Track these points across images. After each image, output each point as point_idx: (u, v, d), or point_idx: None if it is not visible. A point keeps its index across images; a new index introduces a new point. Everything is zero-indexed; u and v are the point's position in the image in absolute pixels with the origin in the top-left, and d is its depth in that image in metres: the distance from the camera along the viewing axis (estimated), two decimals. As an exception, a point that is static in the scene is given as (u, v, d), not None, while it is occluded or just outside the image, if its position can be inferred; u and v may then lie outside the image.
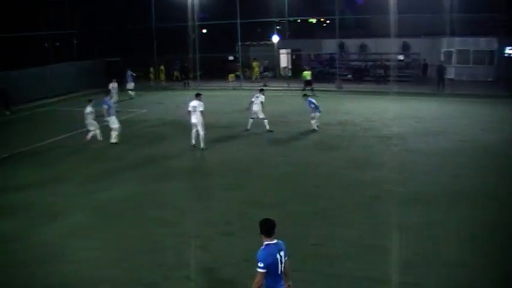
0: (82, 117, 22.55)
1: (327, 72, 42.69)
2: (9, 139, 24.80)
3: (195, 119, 20.75)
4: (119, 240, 12.55)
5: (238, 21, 40.36)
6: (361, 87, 37.94)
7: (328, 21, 49.90)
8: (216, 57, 45.75)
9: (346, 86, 38.34)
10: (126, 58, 44.07)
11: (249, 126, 24.19)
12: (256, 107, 23.97)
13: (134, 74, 36.52)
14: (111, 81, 32.30)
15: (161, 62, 44.26)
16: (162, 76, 44.59)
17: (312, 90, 34.73)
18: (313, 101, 24.12)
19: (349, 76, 42.24)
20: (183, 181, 17.23)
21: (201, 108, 20.67)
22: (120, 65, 44.37)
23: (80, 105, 33.35)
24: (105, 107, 22.22)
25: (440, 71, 35.74)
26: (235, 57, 45.52)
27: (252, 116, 24.16)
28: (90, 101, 22.74)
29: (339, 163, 18.54)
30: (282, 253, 7.40)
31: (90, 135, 22.37)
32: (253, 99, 23.97)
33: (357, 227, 12.81)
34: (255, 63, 44.53)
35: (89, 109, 22.21)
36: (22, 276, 10.92)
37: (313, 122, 23.98)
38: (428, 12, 35.92)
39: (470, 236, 12.18)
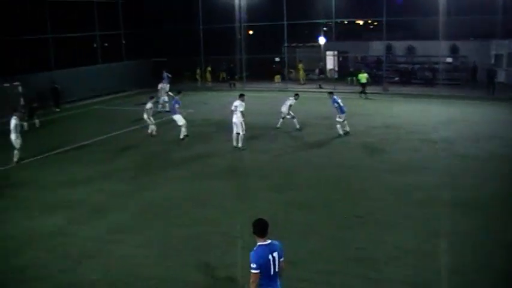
0: (129, 116, 23.03)
1: (373, 75, 42.25)
2: (60, 136, 25.52)
3: (236, 118, 21.20)
4: (164, 238, 12.76)
5: (285, 22, 40.36)
6: (408, 90, 37.45)
7: (375, 23, 49.43)
8: (262, 59, 45.79)
9: (393, 89, 37.92)
10: (173, 59, 44.66)
11: (278, 125, 25.18)
12: (284, 108, 24.83)
13: (170, 75, 36.45)
14: (160, 82, 32.58)
15: (208, 63, 44.57)
16: (209, 77, 44.87)
17: (365, 93, 34.53)
18: (339, 100, 23.45)
19: (396, 78, 41.73)
20: (228, 181, 17.38)
21: (241, 109, 21.15)
22: (167, 66, 45.01)
23: (126, 105, 34.34)
24: (176, 105, 23.53)
25: (491, 74, 34.99)
26: (281, 58, 45.51)
27: (282, 116, 25.02)
28: (152, 97, 24.94)
29: (384, 166, 18.38)
30: (275, 254, 7.39)
31: (150, 129, 24.22)
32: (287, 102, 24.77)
33: (401, 231, 12.70)
34: (300, 65, 44.42)
35: (149, 105, 24.17)
36: (67, 271, 11.23)
37: (338, 126, 23.15)
38: (478, 14, 35.17)
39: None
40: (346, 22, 49.78)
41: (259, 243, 7.44)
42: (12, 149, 20.18)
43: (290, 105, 24.64)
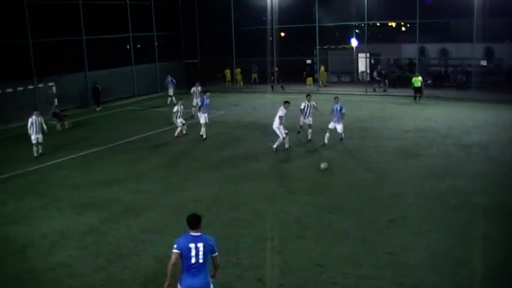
0: (162, 116, 23.26)
1: (406, 78, 41.86)
2: (93, 136, 25.84)
3: (273, 124, 21.37)
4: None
5: (317, 24, 40.26)
6: (441, 93, 36.97)
7: (408, 25, 48.97)
8: (294, 61, 45.71)
9: (426, 92, 37.39)
10: (204, 60, 44.94)
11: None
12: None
13: (174, 81, 36.53)
14: (194, 85, 32.37)
15: (238, 65, 44.64)
16: (240, 78, 44.96)
17: (420, 97, 33.80)
18: (339, 107, 22.10)
19: (429, 81, 41.25)
20: (260, 183, 17.37)
21: (280, 113, 21.02)
22: (199, 67, 45.31)
23: (159, 105, 34.62)
24: (199, 103, 24.65)
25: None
26: (312, 61, 45.38)
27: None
28: (180, 99, 25.67)
29: (417, 171, 18.18)
30: (199, 245, 7.91)
31: (177, 131, 24.31)
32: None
33: (434, 236, 12.53)
34: (322, 69, 44.16)
35: (176, 108, 24.28)
36: (98, 270, 11.37)
37: (327, 134, 22.22)
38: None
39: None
40: (378, 24, 49.40)
41: (188, 233, 8.07)
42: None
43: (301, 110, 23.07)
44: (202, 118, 24.21)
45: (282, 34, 48.25)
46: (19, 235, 13.56)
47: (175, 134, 24.28)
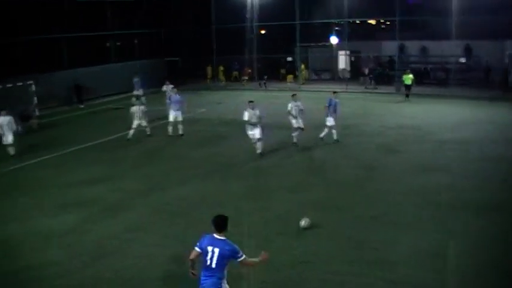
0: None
1: (386, 75, 42.13)
2: (74, 135, 25.56)
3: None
4: (178, 238, 12.74)
5: (297, 22, 40.31)
6: (421, 90, 37.17)
7: (388, 23, 49.17)
8: (274, 58, 45.75)
9: (406, 89, 37.75)
10: (185, 58, 44.77)
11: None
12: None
13: (141, 82, 35.44)
14: (164, 83, 31.80)
15: (220, 63, 44.57)
16: (222, 76, 44.84)
17: (407, 95, 33.75)
18: (335, 103, 22.20)
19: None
20: (243, 181, 17.34)
21: (245, 117, 20.02)
22: (179, 65, 45.14)
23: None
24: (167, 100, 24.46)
25: (504, 74, 34.72)
26: (293, 58, 45.46)
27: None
28: (137, 99, 24.82)
29: (400, 167, 18.30)
30: (216, 249, 7.90)
31: (131, 133, 23.66)
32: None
33: (416, 232, 12.63)
34: (303, 66, 44.33)
35: (133, 108, 23.79)
36: (81, 269, 11.26)
37: (326, 130, 22.24)
38: (492, 14, 34.88)
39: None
40: (358, 22, 49.51)
41: (213, 234, 8.03)
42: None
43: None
44: (171, 116, 24.13)
45: (263, 32, 48.21)
46: (0, 235, 13.39)
47: (128, 137, 23.63)
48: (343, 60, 45.95)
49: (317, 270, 10.77)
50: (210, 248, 7.93)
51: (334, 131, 22.06)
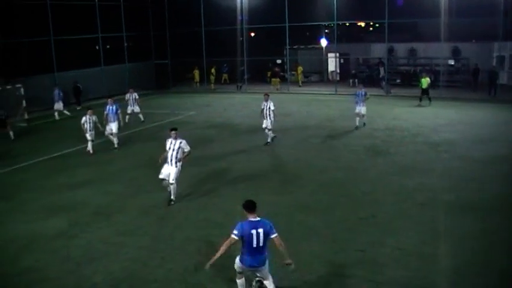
0: (130, 118, 22.91)
1: (375, 77, 42.34)
2: (61, 138, 25.45)
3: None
4: (166, 241, 12.77)
5: (287, 24, 40.40)
6: (410, 92, 37.33)
7: (377, 25, 49.44)
8: (264, 61, 45.78)
9: (395, 91, 37.93)
10: (175, 61, 44.73)
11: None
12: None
13: (61, 93, 32.20)
14: (128, 91, 29.92)
15: (211, 65, 44.55)
16: (213, 79, 44.82)
17: (429, 99, 32.24)
18: (364, 92, 25.41)
19: (398, 81, 41.75)
20: (229, 183, 17.35)
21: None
22: (169, 68, 45.11)
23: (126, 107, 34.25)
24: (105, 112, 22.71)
25: (492, 76, 34.96)
26: (283, 60, 45.55)
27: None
28: (89, 109, 22.64)
29: (387, 169, 18.38)
30: (260, 230, 8.78)
31: (89, 145, 22.14)
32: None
33: (403, 233, 12.68)
34: (299, 68, 44.47)
35: (83, 119, 21.93)
36: (69, 273, 11.23)
37: (357, 119, 25.09)
38: (480, 16, 35.10)
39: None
40: (347, 24, 49.76)
41: (248, 219, 8.86)
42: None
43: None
44: (108, 128, 22.70)
45: (252, 34, 48.30)
46: (-14, 239, 13.35)
47: (88, 148, 22.13)
48: (332, 63, 46.11)
49: (302, 272, 10.78)
50: (253, 231, 8.77)
51: (362, 119, 25.32)
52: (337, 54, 44.53)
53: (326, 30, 47.76)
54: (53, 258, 12.05)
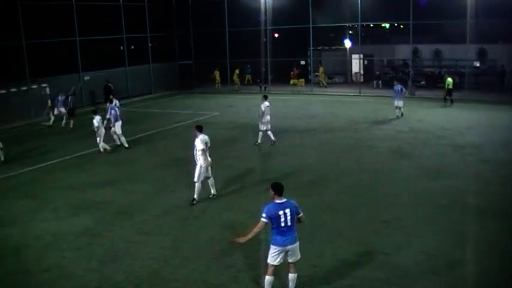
0: (155, 118, 23.04)
1: (399, 79, 41.96)
2: (86, 137, 25.52)
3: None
4: (189, 240, 12.81)
5: (311, 25, 40.29)
6: (435, 94, 36.97)
7: (402, 26, 49.04)
8: (289, 62, 45.68)
9: (419, 93, 37.59)
10: (199, 61, 44.91)
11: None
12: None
13: (64, 96, 29.82)
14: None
15: (234, 66, 44.58)
16: (237, 79, 44.83)
17: (451, 100, 32.42)
18: (400, 88, 28.12)
19: (423, 82, 41.38)
20: (254, 185, 17.31)
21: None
22: (192, 68, 45.31)
23: (153, 107, 34.58)
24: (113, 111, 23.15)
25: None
26: (306, 62, 45.43)
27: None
28: (94, 112, 22.59)
29: (412, 171, 18.21)
30: (287, 210, 9.24)
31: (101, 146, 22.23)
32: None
33: (427, 237, 12.54)
34: (321, 69, 44.31)
35: (96, 123, 21.80)
36: (92, 271, 11.33)
37: (396, 110, 27.98)
38: (507, 17, 34.58)
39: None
40: (372, 25, 49.44)
41: (274, 201, 9.31)
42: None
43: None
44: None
45: (276, 35, 48.27)
46: (13, 237, 13.51)
47: (102, 149, 22.17)
48: (356, 64, 45.87)
49: (327, 274, 10.75)
50: (281, 212, 9.22)
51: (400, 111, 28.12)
52: (361, 56, 44.30)
53: (350, 31, 47.47)
54: (77, 256, 12.15)
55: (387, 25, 53.72)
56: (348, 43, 45.17)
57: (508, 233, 12.78)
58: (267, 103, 22.09)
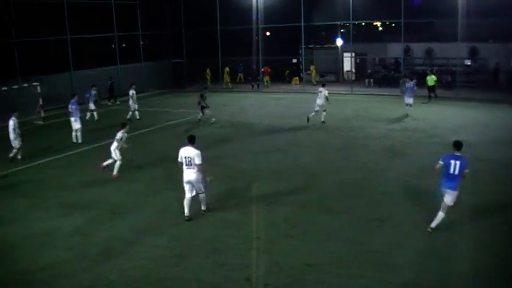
0: (147, 116, 22.93)
1: (391, 77, 42.11)
2: (86, 133, 25.37)
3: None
4: (183, 240, 12.80)
5: (302, 24, 40.30)
6: (426, 92, 37.06)
7: (393, 25, 49.12)
8: (280, 60, 45.71)
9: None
10: (191, 60, 44.83)
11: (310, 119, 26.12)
12: (319, 101, 26.19)
13: (95, 92, 30.43)
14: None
15: (225, 64, 44.56)
16: (227, 78, 44.80)
17: (435, 96, 34.02)
18: (412, 84, 29.23)
19: (414, 81, 41.39)
20: (246, 183, 17.31)
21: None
22: (184, 66, 45.21)
23: (144, 105, 34.43)
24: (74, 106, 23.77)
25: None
26: (298, 60, 45.46)
27: (316, 109, 25.78)
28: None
29: (405, 170, 18.23)
30: (457, 161, 12.03)
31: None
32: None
33: (421, 235, 12.58)
34: (312, 67, 44.40)
35: (119, 135, 18.71)
36: (86, 271, 11.30)
37: (407, 107, 28.67)
38: (499, 16, 34.70)
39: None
40: (363, 24, 49.49)
41: (453, 153, 12.21)
42: (11, 149, 20.89)
43: (326, 97, 26.13)
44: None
45: (268, 33, 48.26)
46: (7, 236, 13.45)
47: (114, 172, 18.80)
48: (348, 62, 45.89)
49: (321, 272, 10.77)
50: (452, 162, 12.05)
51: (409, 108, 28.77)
52: (353, 54, 44.36)
53: (342, 30, 47.52)
54: (70, 255, 12.10)
55: (379, 24, 53.82)
56: (339, 41, 45.23)
57: (502, 231, 12.84)
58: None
